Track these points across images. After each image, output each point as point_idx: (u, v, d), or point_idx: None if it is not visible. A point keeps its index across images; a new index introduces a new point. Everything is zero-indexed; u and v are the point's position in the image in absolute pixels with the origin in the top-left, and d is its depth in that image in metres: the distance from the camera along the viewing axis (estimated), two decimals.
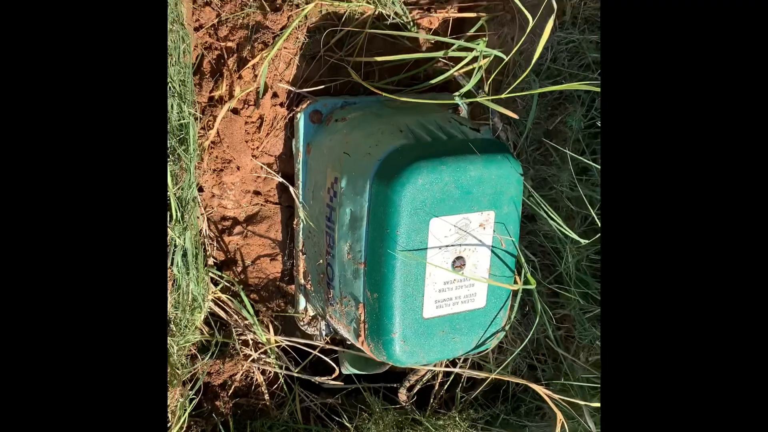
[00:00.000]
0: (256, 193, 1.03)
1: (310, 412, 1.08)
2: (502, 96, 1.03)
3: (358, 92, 0.99)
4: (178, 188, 0.85)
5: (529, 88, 1.09)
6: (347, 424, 1.05)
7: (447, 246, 0.84)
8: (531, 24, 0.87)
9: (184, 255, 0.89)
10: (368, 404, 1.11)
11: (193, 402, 0.90)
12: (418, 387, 1.13)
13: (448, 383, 1.16)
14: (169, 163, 0.83)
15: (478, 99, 0.92)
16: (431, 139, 0.86)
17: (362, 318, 0.88)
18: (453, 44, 0.93)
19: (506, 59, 0.89)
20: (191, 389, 0.90)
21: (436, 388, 1.15)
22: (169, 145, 0.83)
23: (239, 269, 1.03)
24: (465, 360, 1.16)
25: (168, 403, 0.84)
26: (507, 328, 0.94)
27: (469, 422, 1.11)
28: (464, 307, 0.89)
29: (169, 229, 0.85)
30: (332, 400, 1.09)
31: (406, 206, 0.80)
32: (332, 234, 0.91)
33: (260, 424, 1.00)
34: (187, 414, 0.85)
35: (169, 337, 0.86)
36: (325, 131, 0.94)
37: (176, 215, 0.85)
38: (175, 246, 0.87)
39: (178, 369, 0.87)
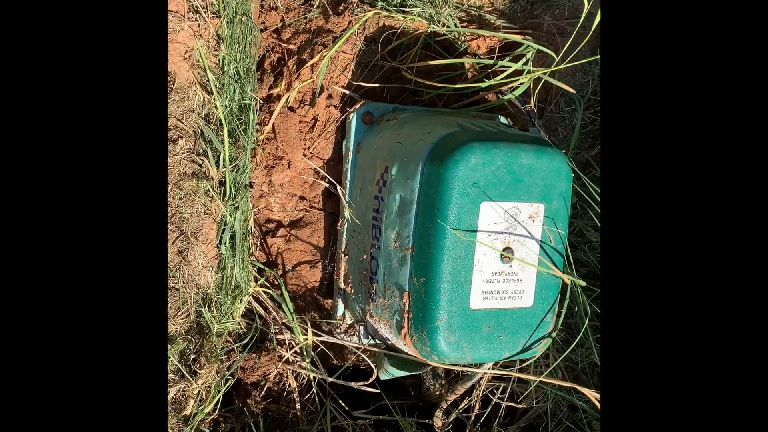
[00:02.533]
0: (302, 198, 1.04)
1: (341, 430, 1.03)
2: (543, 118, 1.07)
3: (407, 104, 1.03)
4: (234, 166, 0.87)
5: (571, 117, 1.13)
6: None
7: (496, 233, 0.84)
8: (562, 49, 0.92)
9: (232, 237, 0.89)
10: (401, 428, 1.05)
11: (228, 383, 0.86)
12: (454, 415, 1.07)
13: (485, 416, 1.10)
14: (228, 143, 0.85)
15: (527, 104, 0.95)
16: (481, 130, 0.88)
17: (407, 307, 0.86)
18: (497, 68, 0.99)
19: (556, 58, 0.93)
20: (224, 380, 0.87)
21: (472, 419, 1.09)
22: (229, 127, 0.86)
23: (279, 273, 1.03)
24: (503, 391, 1.11)
25: (203, 380, 0.81)
26: (554, 334, 0.91)
27: None
28: (511, 304, 0.87)
29: (221, 205, 0.86)
30: (364, 421, 1.03)
31: (458, 185, 0.80)
32: (379, 225, 0.91)
33: None
34: (221, 393, 0.82)
35: (209, 318, 0.84)
36: (375, 131, 0.97)
37: (230, 192, 0.86)
38: (225, 225, 0.87)
39: (216, 348, 0.84)
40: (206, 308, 0.84)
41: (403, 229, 0.86)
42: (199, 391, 0.81)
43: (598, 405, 0.87)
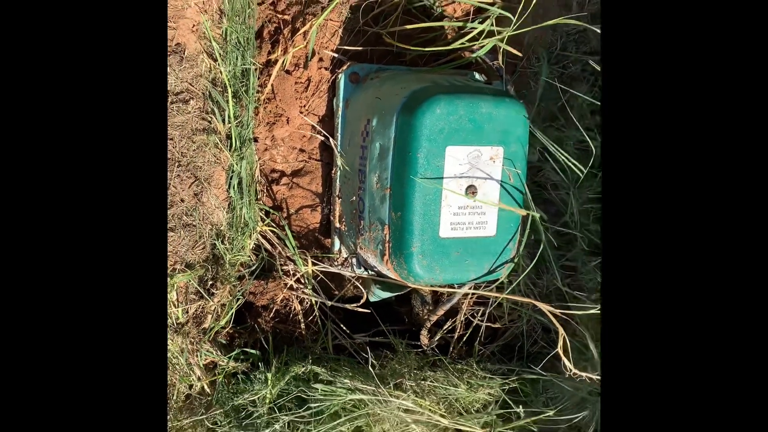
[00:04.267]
0: (301, 150, 1.20)
1: (341, 349, 1.20)
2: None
3: (390, 64, 1.17)
4: (238, 122, 1.03)
5: (540, 71, 1.26)
6: (373, 360, 1.16)
7: (461, 173, 0.98)
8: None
9: (240, 183, 1.05)
10: (394, 348, 1.22)
11: (240, 302, 1.04)
12: (439, 335, 1.24)
13: (467, 336, 1.26)
14: (232, 103, 1.01)
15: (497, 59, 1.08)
16: (449, 84, 1.02)
17: (387, 238, 1.01)
18: (471, 29, 1.11)
19: (513, 20, 1.06)
20: (236, 300, 1.05)
21: (455, 338, 1.25)
22: (232, 89, 1.02)
23: (284, 216, 1.19)
24: (483, 314, 1.26)
25: (219, 299, 0.99)
26: (516, 260, 1.06)
27: (486, 372, 1.21)
28: (476, 233, 1.02)
29: (228, 155, 1.02)
30: (360, 339, 1.20)
31: (426, 132, 0.95)
32: (364, 170, 1.06)
33: (296, 349, 1.12)
34: (233, 310, 0.99)
35: (219, 245, 1.01)
36: (361, 89, 1.12)
37: (235, 144, 1.02)
38: (232, 172, 1.04)
39: (230, 275, 1.02)
40: (219, 241, 1.01)
41: (383, 172, 1.01)
42: (215, 308, 0.99)
43: (553, 318, 1.02)
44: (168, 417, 0.92)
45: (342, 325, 1.21)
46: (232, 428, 0.94)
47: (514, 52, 1.09)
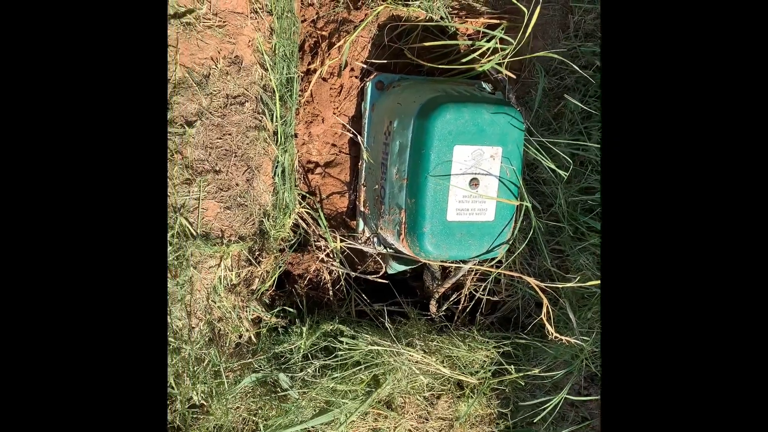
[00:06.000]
0: (333, 145, 1.42)
1: (362, 314, 1.42)
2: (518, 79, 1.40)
3: (410, 74, 1.38)
4: (283, 121, 1.24)
5: (539, 81, 1.46)
6: (389, 324, 1.38)
7: (466, 168, 1.19)
8: (531, 24, 1.24)
9: (283, 172, 1.27)
10: (407, 316, 1.44)
11: (281, 269, 1.26)
12: (446, 305, 1.45)
13: (470, 307, 1.47)
14: (278, 105, 1.23)
15: (501, 71, 1.29)
16: (458, 94, 1.23)
17: (403, 220, 1.23)
18: (481, 44, 1.32)
19: (514, 44, 1.26)
20: (278, 267, 1.27)
21: (459, 309, 1.47)
22: (279, 94, 1.24)
23: (317, 200, 1.41)
24: (484, 289, 1.47)
25: (264, 266, 1.21)
26: (510, 241, 1.27)
27: (484, 338, 1.42)
28: (477, 218, 1.23)
29: (275, 149, 1.24)
30: (379, 306, 1.42)
31: (437, 133, 1.16)
32: (386, 163, 1.27)
33: (324, 312, 1.34)
34: (276, 275, 1.22)
35: (266, 222, 1.23)
36: (385, 95, 1.33)
37: (280, 139, 1.24)
38: (277, 162, 1.26)
39: (273, 248, 1.24)
40: (266, 219, 1.23)
41: (401, 166, 1.22)
42: (262, 273, 1.22)
43: (539, 290, 1.23)
44: (221, 360, 1.15)
45: (363, 295, 1.43)
46: (273, 370, 1.16)
47: (509, 75, 1.29)
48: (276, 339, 1.22)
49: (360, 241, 1.38)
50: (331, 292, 1.37)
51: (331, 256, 1.36)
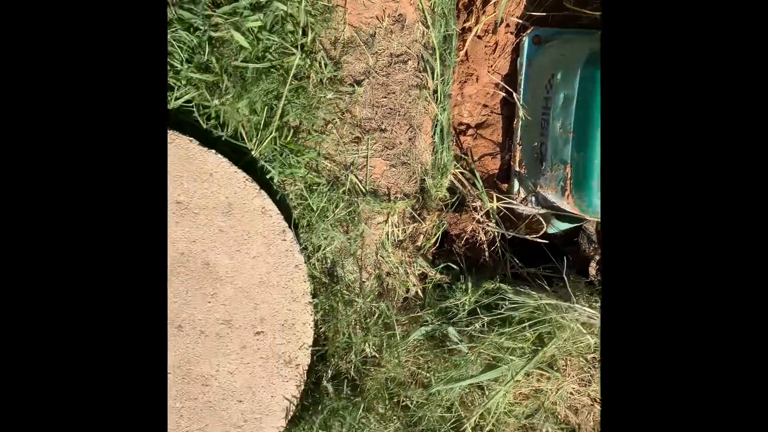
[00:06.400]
0: (485, 106, 1.40)
1: (517, 276, 1.40)
2: None
3: (570, 27, 1.34)
4: (443, 79, 1.25)
5: None
6: (546, 287, 1.35)
7: None
8: None
9: (441, 131, 1.28)
10: (561, 278, 1.41)
11: (443, 227, 1.27)
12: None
13: None
14: (439, 62, 1.23)
15: None
16: None
17: (569, 175, 1.20)
18: None
19: None
20: (440, 225, 1.28)
21: None
22: (439, 51, 1.24)
23: (471, 161, 1.41)
24: None
25: (429, 223, 1.22)
26: None
27: None
28: None
29: (435, 107, 1.25)
30: (534, 270, 1.40)
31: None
32: (547, 118, 1.25)
33: (483, 271, 1.34)
34: (439, 233, 1.23)
35: (428, 181, 1.24)
36: (543, 49, 1.30)
37: (440, 98, 1.25)
38: (437, 122, 1.26)
39: (434, 206, 1.25)
40: (427, 177, 1.24)
41: (567, 119, 1.19)
42: (426, 229, 1.23)
43: None
44: (393, 313, 1.17)
45: (515, 258, 1.41)
46: (442, 324, 1.17)
47: None
48: (441, 295, 1.23)
49: (516, 203, 1.37)
50: (487, 253, 1.37)
51: (488, 217, 1.35)
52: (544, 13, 1.32)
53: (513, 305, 1.21)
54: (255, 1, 1.03)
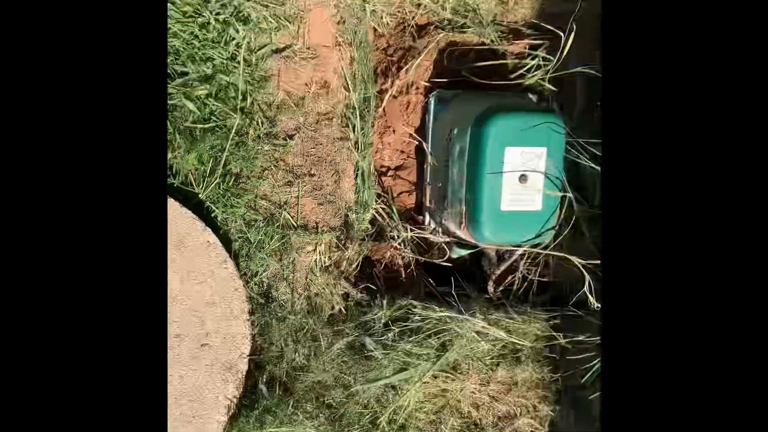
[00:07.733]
0: (402, 152, 1.67)
1: (429, 295, 1.66)
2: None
3: (467, 88, 1.63)
4: (362, 132, 1.51)
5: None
6: (455, 303, 1.61)
7: (516, 166, 1.43)
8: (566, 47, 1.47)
9: (362, 174, 1.54)
10: (469, 296, 1.67)
11: (363, 254, 1.52)
12: (502, 286, 1.68)
13: (523, 289, 1.69)
14: (359, 119, 1.49)
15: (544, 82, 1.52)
16: (507, 104, 1.47)
17: (464, 211, 1.47)
18: (526, 62, 1.55)
19: (554, 61, 1.49)
20: (361, 253, 1.53)
21: (514, 290, 1.69)
22: (359, 110, 1.50)
23: (390, 198, 1.67)
24: (536, 272, 1.69)
25: (351, 251, 1.47)
26: (556, 227, 1.49)
27: (537, 312, 1.63)
28: (527, 208, 1.45)
29: (356, 155, 1.51)
30: (443, 289, 1.66)
31: (491, 138, 1.39)
32: (448, 165, 1.52)
33: (399, 292, 1.59)
34: (360, 258, 1.48)
35: (350, 215, 1.50)
36: (446, 108, 1.58)
37: (361, 147, 1.51)
38: (359, 167, 1.52)
39: (356, 237, 1.51)
40: (350, 213, 1.50)
41: (461, 166, 1.47)
42: (349, 256, 1.48)
43: (580, 267, 1.44)
44: (319, 327, 1.41)
45: (430, 279, 1.67)
46: (360, 335, 1.42)
47: (551, 87, 1.52)
48: (361, 311, 1.48)
49: (427, 232, 1.63)
50: (403, 275, 1.63)
51: (403, 245, 1.62)
52: (446, 80, 1.60)
53: (420, 318, 1.47)
54: (203, 75, 1.28)
